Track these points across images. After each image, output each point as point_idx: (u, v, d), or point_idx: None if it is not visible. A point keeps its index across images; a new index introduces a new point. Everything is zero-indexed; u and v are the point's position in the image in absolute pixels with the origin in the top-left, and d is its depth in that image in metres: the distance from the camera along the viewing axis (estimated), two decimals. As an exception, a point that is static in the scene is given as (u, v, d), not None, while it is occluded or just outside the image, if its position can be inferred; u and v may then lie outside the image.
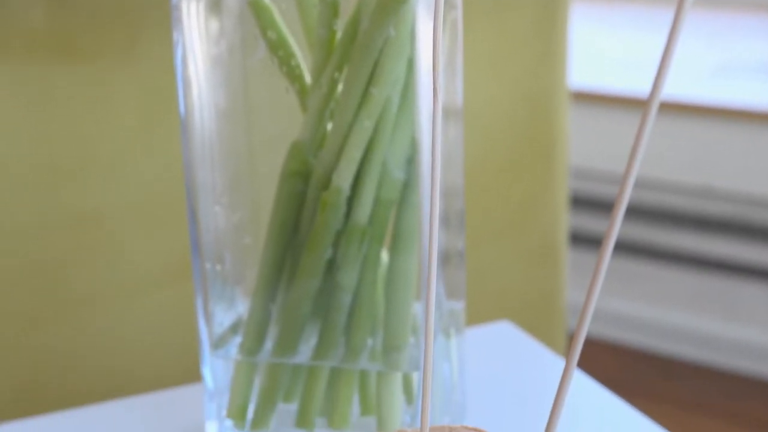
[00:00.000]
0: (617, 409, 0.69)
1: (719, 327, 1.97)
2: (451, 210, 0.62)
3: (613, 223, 0.34)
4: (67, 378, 0.91)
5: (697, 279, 2.01)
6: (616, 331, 2.05)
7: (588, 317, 0.36)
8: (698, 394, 1.89)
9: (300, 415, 0.60)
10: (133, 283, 0.92)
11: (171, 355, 0.93)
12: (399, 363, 0.58)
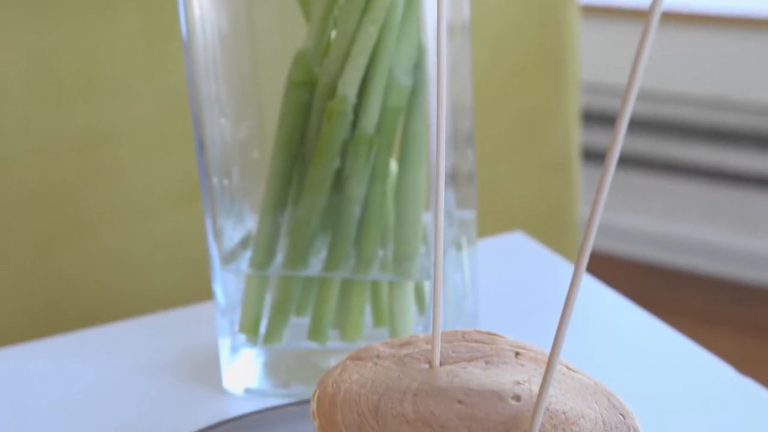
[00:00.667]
0: (628, 312, 0.69)
1: (731, 238, 1.97)
2: (459, 120, 0.61)
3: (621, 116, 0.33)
4: (81, 300, 0.92)
5: (710, 191, 2.00)
6: (626, 245, 2.05)
7: (599, 210, 0.36)
8: (708, 304, 1.89)
9: (312, 327, 0.60)
10: (144, 204, 0.92)
11: (183, 274, 0.93)
12: (410, 272, 0.58)
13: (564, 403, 0.42)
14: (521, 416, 0.40)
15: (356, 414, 0.41)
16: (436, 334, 0.44)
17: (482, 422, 0.40)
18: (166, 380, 0.64)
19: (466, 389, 0.42)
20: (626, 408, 0.43)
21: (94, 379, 0.64)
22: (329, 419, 0.41)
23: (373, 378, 0.43)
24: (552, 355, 0.38)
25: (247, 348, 0.62)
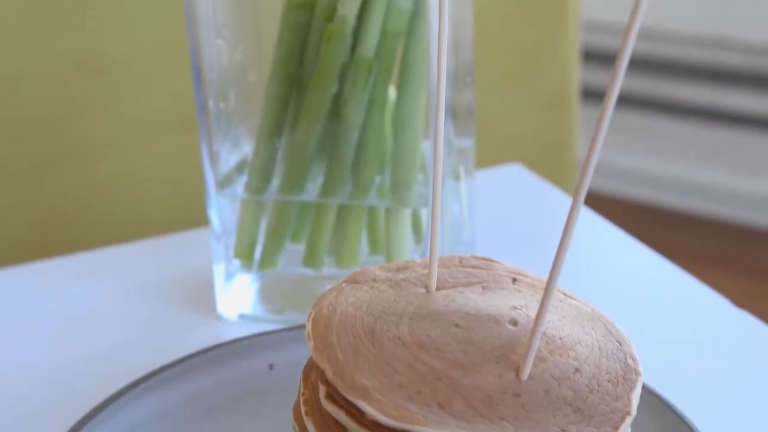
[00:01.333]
0: (625, 244, 0.69)
1: (728, 179, 1.96)
2: (460, 52, 0.60)
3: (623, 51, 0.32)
4: (76, 225, 0.91)
5: (708, 132, 1.99)
6: (624, 185, 2.04)
7: (601, 137, 0.35)
8: (705, 245, 1.89)
9: (308, 254, 0.60)
10: (140, 129, 0.91)
11: (179, 200, 0.92)
12: (408, 199, 0.57)
13: (561, 329, 0.42)
14: (518, 341, 0.40)
15: (352, 336, 0.40)
16: (433, 258, 0.44)
17: (478, 346, 0.40)
18: (160, 305, 0.63)
19: (462, 313, 0.41)
20: (623, 335, 0.43)
21: (88, 303, 0.64)
22: (324, 341, 0.40)
23: (369, 301, 0.43)
24: (550, 280, 0.38)
25: (242, 274, 0.62)
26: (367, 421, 0.38)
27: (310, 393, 0.42)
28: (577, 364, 0.40)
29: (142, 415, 0.51)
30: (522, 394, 0.38)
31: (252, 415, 0.51)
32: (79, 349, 0.59)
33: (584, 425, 0.38)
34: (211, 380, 0.53)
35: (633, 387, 0.40)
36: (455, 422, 0.37)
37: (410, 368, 0.39)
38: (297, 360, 0.48)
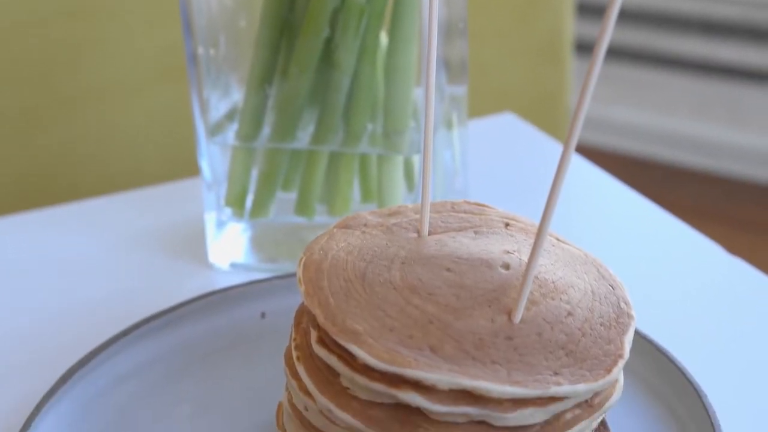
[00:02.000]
0: (618, 191, 0.68)
1: (722, 133, 1.96)
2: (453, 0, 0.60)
3: None
4: (66, 174, 0.91)
5: (702, 85, 1.98)
6: (617, 139, 2.04)
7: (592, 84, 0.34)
8: (699, 199, 1.89)
9: (299, 202, 0.59)
10: (131, 79, 0.90)
11: (170, 150, 0.92)
12: (400, 146, 0.57)
13: (553, 273, 0.42)
14: (510, 284, 0.40)
15: (343, 280, 0.40)
16: (425, 203, 0.43)
17: (470, 290, 0.39)
18: (151, 254, 0.63)
19: (454, 257, 0.41)
20: (616, 279, 0.43)
21: (79, 253, 0.63)
22: (315, 285, 0.40)
23: (361, 246, 0.42)
24: (542, 223, 0.38)
25: (234, 222, 0.61)
26: (359, 366, 0.38)
27: (301, 338, 0.42)
28: (570, 307, 0.40)
29: (134, 363, 0.50)
30: (514, 338, 0.38)
31: (244, 363, 0.51)
32: (71, 298, 0.59)
33: (576, 368, 0.38)
34: (203, 328, 0.53)
35: (626, 330, 0.40)
36: (447, 366, 0.37)
37: (402, 312, 0.39)
38: (289, 308, 0.48)
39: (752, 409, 0.48)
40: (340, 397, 0.39)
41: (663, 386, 0.47)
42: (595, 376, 0.38)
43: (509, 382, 0.37)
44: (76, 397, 0.47)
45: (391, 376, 0.37)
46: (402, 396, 0.37)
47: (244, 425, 0.46)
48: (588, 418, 0.39)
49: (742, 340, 0.54)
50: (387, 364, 0.37)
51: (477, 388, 0.36)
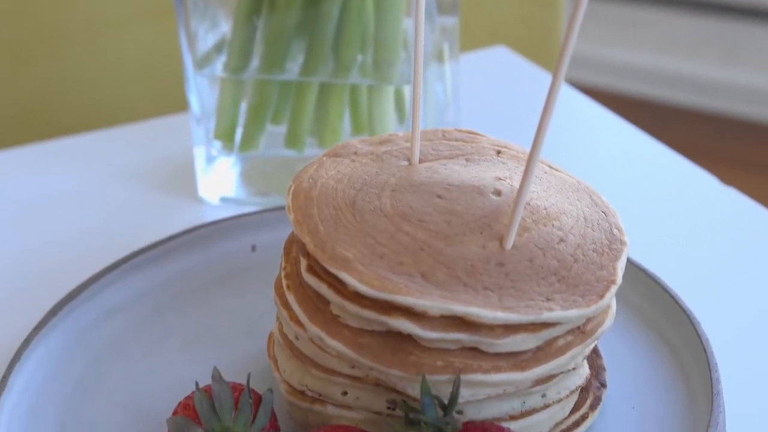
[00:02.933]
0: (611, 122, 0.68)
1: (717, 71, 1.95)
2: None
3: None
4: (56, 109, 0.90)
5: (696, 23, 1.97)
6: (613, 79, 2.02)
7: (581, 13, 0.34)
8: (693, 137, 1.88)
9: (289, 134, 0.58)
10: (120, 14, 0.89)
11: (159, 85, 0.91)
12: (390, 76, 0.56)
13: (545, 200, 0.41)
14: (501, 210, 0.39)
15: (332, 208, 0.40)
16: (415, 131, 0.43)
17: (461, 216, 0.39)
18: (140, 189, 0.62)
19: (445, 184, 0.41)
20: (609, 206, 0.42)
21: (68, 188, 0.63)
22: (305, 213, 0.40)
23: (351, 174, 0.42)
24: (533, 148, 0.37)
25: (223, 157, 0.61)
26: (349, 293, 0.38)
27: (291, 267, 0.41)
28: (562, 234, 0.40)
29: (123, 296, 0.50)
30: (506, 264, 0.38)
31: (234, 295, 0.51)
32: (60, 232, 0.58)
33: (569, 294, 0.38)
34: (193, 261, 0.53)
35: (618, 256, 0.40)
36: (438, 292, 0.37)
37: (392, 239, 0.38)
38: (280, 241, 0.47)
39: (744, 335, 0.48)
40: (331, 326, 0.38)
41: (656, 314, 0.47)
42: (588, 302, 0.38)
43: (501, 308, 0.36)
44: (65, 330, 0.47)
45: (382, 303, 0.37)
46: (393, 323, 0.37)
47: (234, 356, 0.46)
48: (580, 345, 0.39)
49: (735, 269, 0.53)
50: (377, 291, 0.36)
51: (469, 314, 0.36)
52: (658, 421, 0.42)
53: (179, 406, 0.39)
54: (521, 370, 0.38)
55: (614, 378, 0.44)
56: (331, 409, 0.40)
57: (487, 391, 0.38)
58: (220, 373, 0.39)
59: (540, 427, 0.40)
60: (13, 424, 0.42)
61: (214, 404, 0.38)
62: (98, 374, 0.46)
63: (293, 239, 0.43)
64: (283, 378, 0.42)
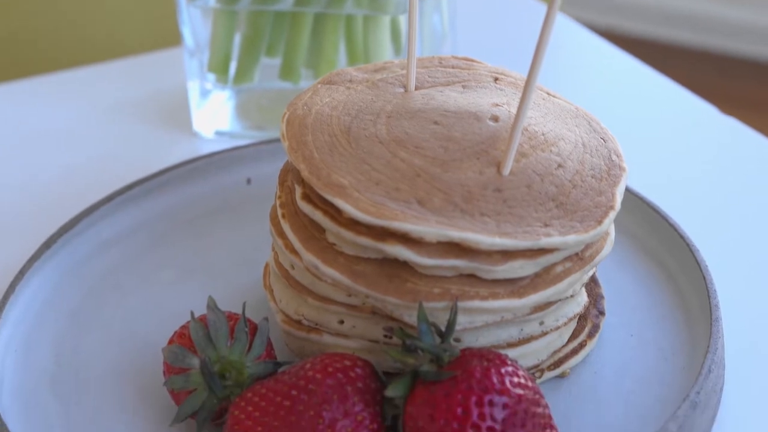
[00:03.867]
0: (611, 54, 0.67)
1: (716, 9, 1.93)
2: None
3: None
4: (49, 44, 0.88)
5: (698, -42, 1.95)
6: (613, 18, 2.01)
7: None
8: (692, 76, 1.87)
9: (284, 66, 0.58)
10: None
11: (152, 21, 0.89)
12: (386, 6, 0.55)
13: (543, 125, 0.40)
14: (499, 136, 0.39)
15: (327, 135, 0.39)
16: (411, 57, 0.42)
17: (458, 142, 0.38)
18: (133, 124, 0.62)
19: (442, 111, 0.40)
20: (608, 132, 0.42)
21: (62, 122, 0.62)
22: (299, 140, 0.39)
23: (346, 101, 0.41)
24: (531, 73, 0.37)
25: (218, 90, 0.60)
26: (345, 220, 0.37)
27: (286, 196, 0.41)
28: (560, 159, 0.39)
29: (118, 229, 0.50)
30: (503, 190, 0.37)
31: (229, 228, 0.51)
32: (54, 166, 0.57)
33: (567, 220, 0.37)
34: (188, 194, 0.52)
35: (617, 182, 0.39)
36: (435, 218, 0.36)
37: (388, 165, 0.38)
38: (275, 174, 0.47)
39: (742, 264, 0.48)
40: (326, 253, 0.38)
41: (654, 242, 0.47)
42: (586, 228, 0.37)
43: (498, 234, 0.36)
44: (59, 262, 0.47)
45: (378, 229, 0.36)
46: (389, 249, 0.36)
47: (230, 288, 0.46)
48: (578, 271, 0.39)
49: (734, 197, 0.53)
50: (373, 217, 0.36)
51: (466, 240, 0.36)
52: (656, 348, 0.42)
53: (174, 336, 0.39)
54: (519, 297, 0.37)
55: (613, 306, 0.44)
56: (328, 338, 0.40)
57: (485, 318, 0.38)
58: (216, 303, 0.38)
59: (538, 354, 0.40)
60: (8, 357, 0.42)
61: (210, 333, 0.38)
62: (93, 306, 0.45)
63: (288, 168, 0.42)
64: (279, 308, 0.42)
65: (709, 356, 0.39)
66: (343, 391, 0.35)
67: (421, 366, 0.35)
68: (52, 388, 0.41)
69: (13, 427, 0.38)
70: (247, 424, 0.35)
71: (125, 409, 0.40)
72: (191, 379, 0.37)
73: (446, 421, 0.34)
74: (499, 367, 0.35)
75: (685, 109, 0.61)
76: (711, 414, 0.39)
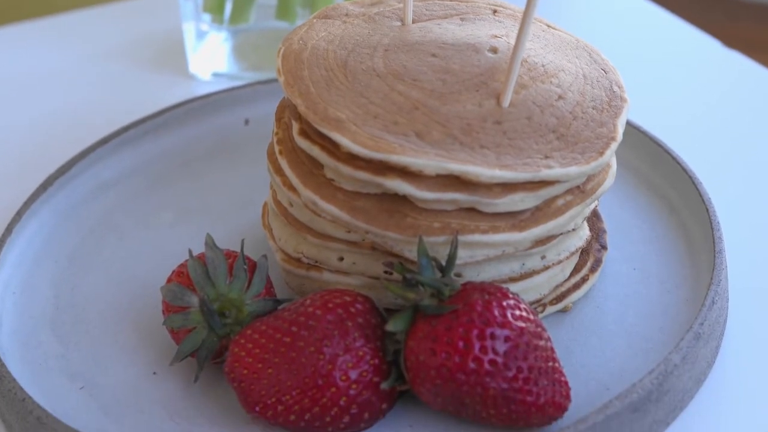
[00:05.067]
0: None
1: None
2: None
3: None
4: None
5: None
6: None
7: None
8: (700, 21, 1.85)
9: (280, 5, 0.57)
10: None
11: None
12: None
13: (543, 57, 0.40)
14: (498, 68, 0.38)
15: (324, 69, 0.38)
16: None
17: (457, 74, 0.38)
18: (128, 67, 0.61)
19: (440, 43, 0.39)
20: (609, 64, 0.41)
21: (57, 65, 0.61)
22: (295, 75, 0.38)
23: (342, 35, 0.41)
24: (529, 3, 0.36)
25: (214, 32, 0.59)
26: (343, 155, 0.37)
27: (283, 132, 0.40)
28: (561, 91, 0.38)
29: (115, 171, 0.49)
30: (503, 122, 0.37)
31: (227, 169, 0.50)
32: (50, 109, 0.57)
33: (568, 151, 0.37)
34: (185, 136, 0.52)
35: (618, 113, 0.39)
36: (434, 151, 0.36)
37: (386, 99, 0.37)
38: (273, 115, 0.46)
39: (745, 196, 0.47)
40: (325, 189, 0.38)
41: (657, 176, 0.46)
42: (587, 159, 0.37)
43: (498, 166, 0.36)
44: (57, 205, 0.46)
45: (377, 163, 0.36)
46: (388, 184, 0.36)
47: (228, 228, 0.45)
48: (580, 204, 0.38)
49: (738, 132, 0.52)
50: (372, 151, 0.35)
51: (465, 173, 0.35)
52: (660, 281, 0.41)
53: (173, 274, 0.38)
54: (520, 231, 0.37)
55: (615, 241, 0.44)
56: (328, 276, 0.40)
57: (486, 252, 0.37)
58: (214, 240, 0.38)
59: (540, 289, 0.40)
60: (7, 298, 0.42)
61: (209, 271, 0.37)
62: (91, 248, 0.45)
63: (285, 104, 0.42)
64: (278, 246, 0.41)
65: (712, 287, 0.38)
66: (344, 327, 0.35)
67: (421, 300, 0.34)
68: (52, 329, 0.41)
69: (13, 368, 0.38)
70: (248, 361, 0.35)
71: (125, 350, 0.40)
72: (191, 318, 0.37)
73: (448, 355, 0.33)
74: (500, 300, 0.34)
75: (688, 42, 0.60)
76: (714, 345, 0.38)
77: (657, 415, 0.36)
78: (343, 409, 0.35)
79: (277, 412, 0.35)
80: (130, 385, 0.38)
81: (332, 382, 0.34)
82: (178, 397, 0.38)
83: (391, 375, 0.35)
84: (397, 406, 0.37)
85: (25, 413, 0.36)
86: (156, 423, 0.37)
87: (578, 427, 0.34)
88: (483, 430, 0.36)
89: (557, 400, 0.34)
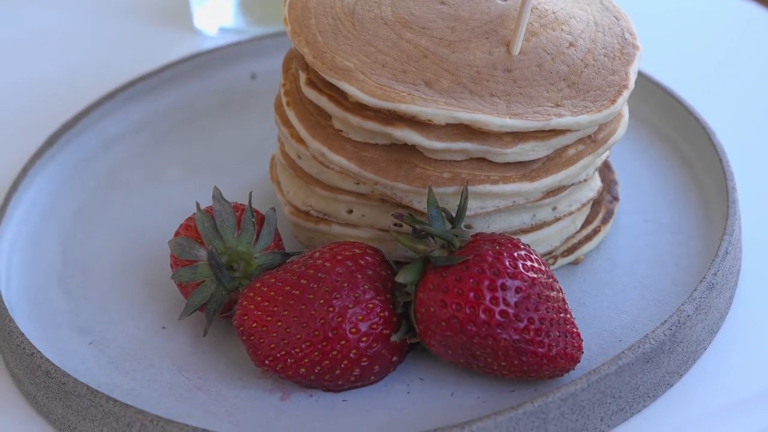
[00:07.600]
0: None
1: None
2: None
3: None
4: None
5: None
6: None
7: None
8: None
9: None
10: None
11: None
12: None
13: (554, 4, 0.39)
14: (508, 15, 0.38)
15: (331, 18, 0.38)
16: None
17: (466, 22, 0.37)
18: (133, 22, 0.60)
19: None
20: (621, 11, 0.40)
21: (64, 21, 0.61)
22: (302, 24, 0.38)
23: (349, -16, 0.40)
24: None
25: (220, -14, 0.59)
26: (351, 104, 0.36)
27: (290, 84, 0.40)
28: (572, 38, 0.38)
29: (122, 126, 0.49)
30: (513, 70, 0.36)
31: (235, 123, 0.50)
32: (55, 65, 0.56)
33: (579, 99, 0.36)
34: (192, 90, 0.51)
35: (631, 61, 0.38)
36: (443, 99, 0.35)
37: (394, 47, 0.36)
38: (279, 69, 0.46)
39: (758, 147, 0.47)
40: (333, 140, 0.37)
41: (669, 127, 0.46)
42: (599, 107, 0.36)
43: (509, 115, 0.35)
44: (64, 160, 0.46)
45: (385, 113, 0.35)
46: (397, 134, 0.35)
47: (236, 182, 0.45)
48: (591, 154, 0.38)
49: (751, 83, 0.51)
50: (380, 100, 0.35)
51: (475, 122, 0.35)
52: (672, 232, 0.41)
53: (181, 228, 0.38)
54: (530, 181, 0.37)
55: (627, 192, 0.43)
56: (337, 229, 0.39)
57: (496, 202, 0.37)
58: (221, 193, 0.37)
59: (551, 240, 0.39)
60: (15, 254, 0.42)
61: (216, 224, 0.37)
62: (99, 203, 0.45)
63: (292, 54, 0.41)
64: (286, 200, 0.41)
65: (726, 237, 0.38)
66: (353, 279, 0.35)
67: (432, 252, 0.34)
68: (59, 285, 0.40)
69: (21, 324, 0.38)
70: (257, 315, 0.35)
71: (133, 304, 0.39)
72: (199, 271, 0.37)
73: (458, 306, 0.33)
74: (511, 250, 0.34)
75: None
76: (728, 296, 0.38)
77: (670, 367, 0.35)
78: (353, 362, 0.34)
79: (287, 365, 0.35)
80: (139, 339, 0.38)
81: (342, 335, 0.34)
82: (187, 351, 0.37)
83: (401, 327, 0.35)
84: (407, 359, 0.36)
85: (34, 368, 0.36)
86: (165, 377, 0.36)
87: (590, 379, 0.33)
88: (494, 382, 0.35)
89: (569, 352, 0.34)
